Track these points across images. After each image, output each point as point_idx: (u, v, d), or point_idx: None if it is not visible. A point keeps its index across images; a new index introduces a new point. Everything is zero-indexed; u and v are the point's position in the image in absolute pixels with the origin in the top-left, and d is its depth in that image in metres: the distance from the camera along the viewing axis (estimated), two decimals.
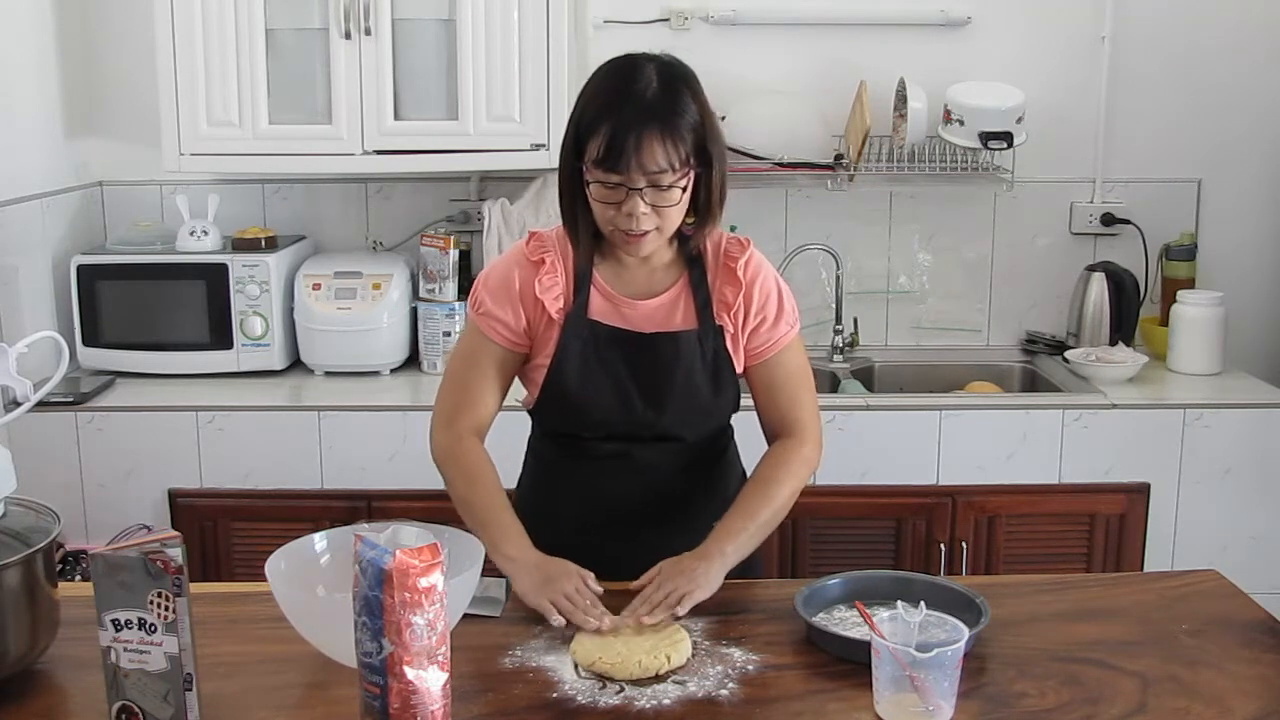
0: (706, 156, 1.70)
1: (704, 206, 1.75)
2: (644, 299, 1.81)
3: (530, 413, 1.92)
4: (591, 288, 1.81)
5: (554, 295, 1.79)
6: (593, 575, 1.68)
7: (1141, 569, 2.79)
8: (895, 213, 3.30)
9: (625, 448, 1.84)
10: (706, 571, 1.66)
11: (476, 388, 1.82)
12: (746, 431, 1.95)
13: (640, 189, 1.66)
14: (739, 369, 1.85)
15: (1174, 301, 3.08)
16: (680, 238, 1.80)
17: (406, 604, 1.26)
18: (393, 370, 3.04)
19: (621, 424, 1.82)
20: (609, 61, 1.75)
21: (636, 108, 1.65)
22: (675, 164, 1.66)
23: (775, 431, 1.88)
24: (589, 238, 1.77)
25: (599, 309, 1.81)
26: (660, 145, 1.64)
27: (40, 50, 2.98)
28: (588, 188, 1.70)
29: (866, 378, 3.19)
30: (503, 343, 1.81)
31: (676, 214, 1.71)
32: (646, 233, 1.70)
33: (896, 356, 3.29)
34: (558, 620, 1.59)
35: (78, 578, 2.57)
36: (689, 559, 1.69)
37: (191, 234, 3.00)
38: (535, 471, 1.96)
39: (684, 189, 1.69)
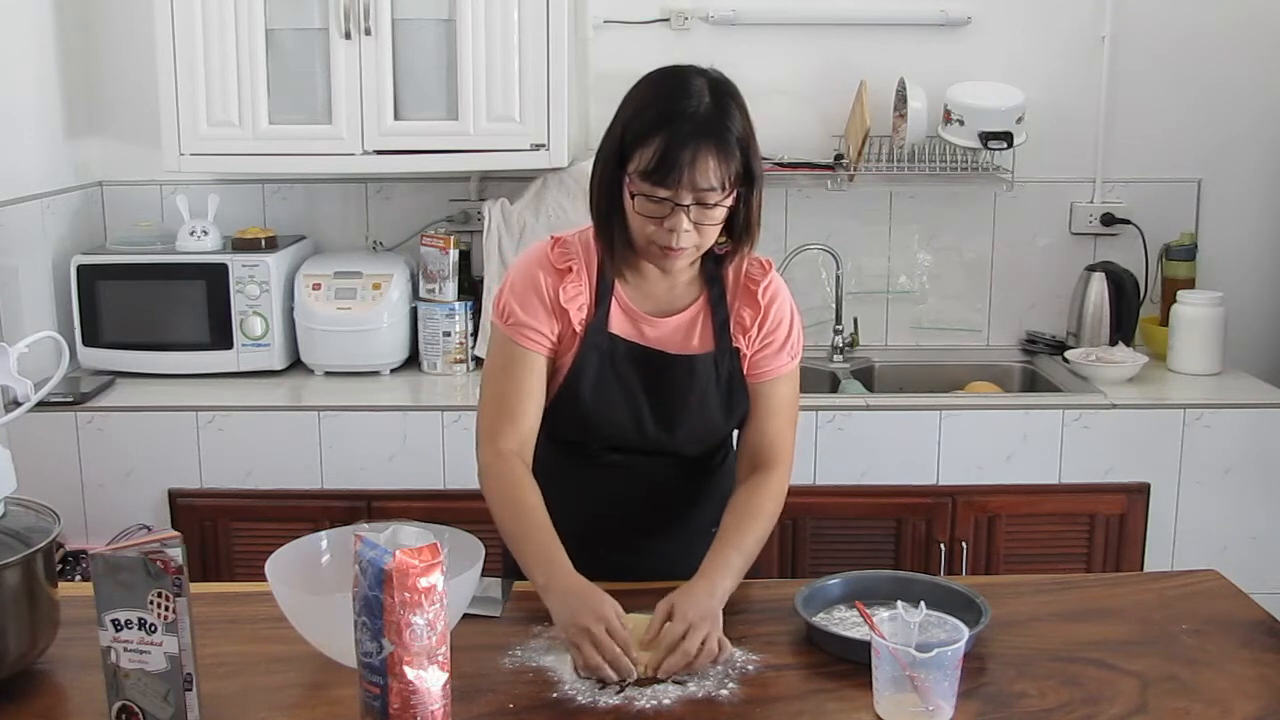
0: (750, 175, 1.67)
1: (743, 227, 1.72)
2: (663, 316, 1.79)
3: None
4: (612, 300, 1.78)
5: (578, 305, 1.76)
6: (621, 610, 1.56)
7: (1141, 569, 2.79)
8: (895, 213, 3.30)
9: (630, 459, 1.84)
10: (717, 610, 1.58)
11: (516, 400, 1.77)
12: None
13: (687, 206, 1.63)
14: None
15: (1174, 301, 3.08)
16: (705, 255, 1.76)
17: (406, 604, 1.26)
18: (393, 370, 3.04)
19: (630, 440, 1.81)
20: (656, 71, 1.71)
21: (691, 122, 1.61)
22: (726, 183, 1.63)
23: (752, 455, 1.83)
24: (625, 250, 1.73)
25: (618, 323, 1.78)
26: (714, 162, 1.61)
27: (40, 50, 2.98)
28: (632, 199, 1.66)
29: (866, 378, 3.19)
30: (539, 350, 1.77)
31: (715, 232, 1.69)
32: (684, 249, 1.67)
33: (896, 356, 3.29)
34: (582, 673, 1.50)
35: (78, 578, 2.57)
36: (700, 598, 1.58)
37: (191, 234, 3.00)
38: (538, 473, 1.94)
39: (727, 208, 1.67)
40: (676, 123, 1.61)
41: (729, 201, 1.66)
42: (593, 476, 1.86)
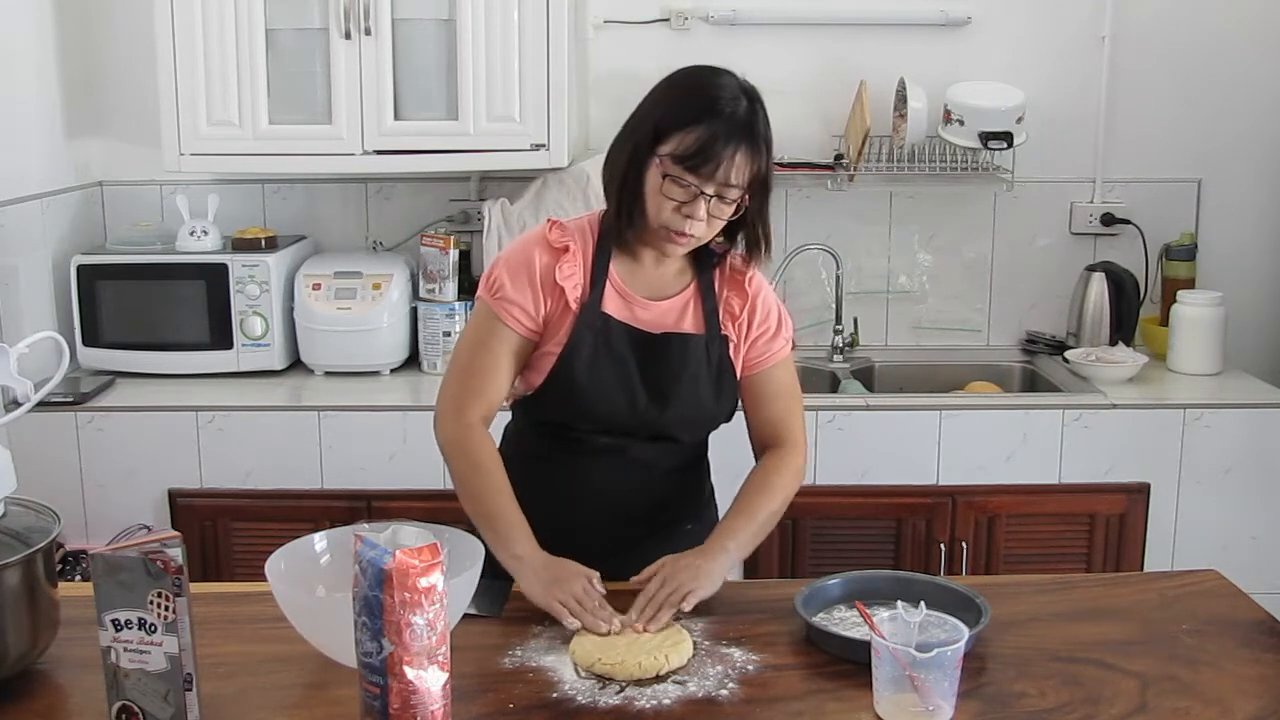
0: (766, 183, 1.74)
1: (755, 239, 1.79)
2: (655, 300, 1.83)
3: (520, 402, 1.90)
4: (607, 282, 1.81)
5: (574, 284, 1.79)
6: (598, 575, 1.68)
7: (1141, 569, 2.79)
8: (895, 213, 3.30)
9: (621, 443, 1.84)
10: (709, 569, 1.67)
11: (488, 375, 1.80)
12: (719, 433, 1.95)
13: (710, 196, 1.69)
14: (738, 377, 1.87)
15: (1174, 301, 3.08)
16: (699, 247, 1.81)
17: (406, 604, 1.26)
18: (393, 370, 3.04)
19: (622, 420, 1.82)
20: (694, 67, 1.77)
21: (733, 119, 1.68)
22: (747, 183, 1.70)
23: (765, 441, 1.90)
24: (631, 229, 1.77)
25: (612, 304, 1.81)
26: (747, 161, 1.68)
27: (40, 50, 2.98)
28: (663, 179, 1.70)
29: (866, 378, 3.19)
30: (519, 329, 1.80)
31: (719, 226, 1.74)
32: (692, 236, 1.72)
33: (896, 356, 3.29)
34: (572, 622, 1.59)
35: (78, 578, 2.57)
36: (690, 555, 1.70)
37: (191, 234, 3.00)
38: (519, 464, 1.89)
39: (739, 207, 1.72)
40: (722, 116, 1.68)
41: (744, 201, 1.72)
42: (582, 464, 1.86)
